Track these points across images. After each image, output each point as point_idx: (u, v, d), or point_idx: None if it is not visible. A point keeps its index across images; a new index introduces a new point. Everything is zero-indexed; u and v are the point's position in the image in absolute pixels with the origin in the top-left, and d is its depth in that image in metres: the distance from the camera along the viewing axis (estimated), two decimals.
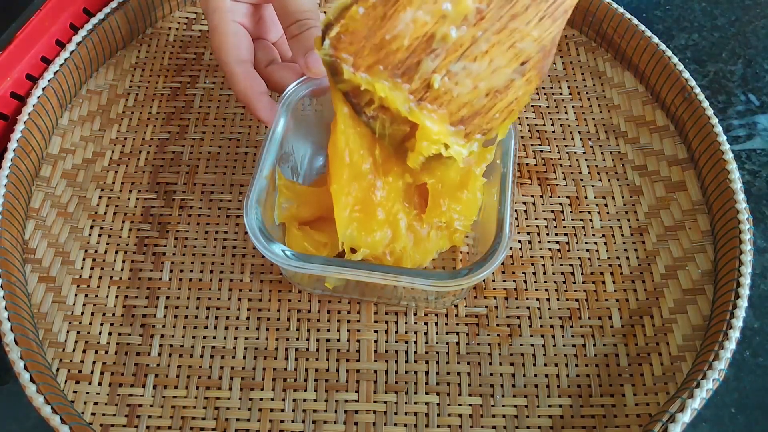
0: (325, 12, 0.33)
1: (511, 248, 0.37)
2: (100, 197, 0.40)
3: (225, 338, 0.35)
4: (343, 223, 0.32)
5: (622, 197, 0.40)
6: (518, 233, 0.39)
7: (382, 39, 0.26)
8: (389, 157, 0.32)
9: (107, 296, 0.36)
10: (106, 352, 0.34)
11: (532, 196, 0.40)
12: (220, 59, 0.35)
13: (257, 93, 0.34)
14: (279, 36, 0.39)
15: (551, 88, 0.45)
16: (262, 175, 0.32)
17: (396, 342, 0.35)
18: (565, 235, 0.39)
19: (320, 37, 0.27)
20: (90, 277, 0.37)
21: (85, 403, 0.33)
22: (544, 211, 0.40)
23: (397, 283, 0.30)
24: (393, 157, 0.31)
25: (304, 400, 0.33)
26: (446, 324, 0.36)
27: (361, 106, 0.28)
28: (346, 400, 0.33)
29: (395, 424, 0.33)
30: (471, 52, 0.27)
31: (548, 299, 0.37)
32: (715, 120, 0.40)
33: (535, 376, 0.34)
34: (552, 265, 0.38)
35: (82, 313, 0.35)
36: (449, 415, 0.33)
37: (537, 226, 0.39)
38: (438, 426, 0.33)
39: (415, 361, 0.34)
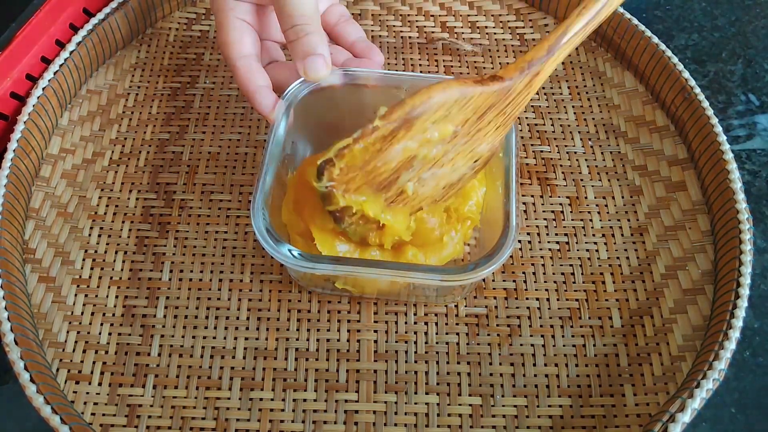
0: None
1: None
2: (100, 197, 0.40)
3: (225, 338, 0.35)
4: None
5: (622, 197, 0.40)
6: (518, 233, 0.39)
7: (374, 167, 0.30)
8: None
9: (107, 296, 0.36)
10: (106, 352, 0.34)
11: (532, 196, 0.40)
12: (224, 54, 0.36)
13: (257, 86, 0.34)
14: None
15: (551, 88, 0.45)
16: (266, 177, 0.32)
17: (396, 342, 0.35)
18: (565, 235, 0.39)
19: (317, 171, 0.30)
20: (90, 277, 0.37)
21: (85, 403, 0.33)
22: (544, 211, 0.40)
23: (407, 279, 0.30)
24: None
25: (304, 400, 0.33)
26: (446, 324, 0.36)
27: (343, 218, 0.31)
28: (346, 400, 0.33)
29: (395, 424, 0.33)
30: (441, 161, 0.31)
31: (548, 299, 0.37)
32: (715, 120, 0.40)
33: (535, 376, 0.34)
34: (552, 265, 0.38)
35: (82, 313, 0.35)
36: (449, 415, 0.33)
37: (537, 226, 0.39)
38: (438, 426, 0.33)
39: (415, 361, 0.34)
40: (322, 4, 0.39)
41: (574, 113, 0.44)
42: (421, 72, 0.46)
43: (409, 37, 0.47)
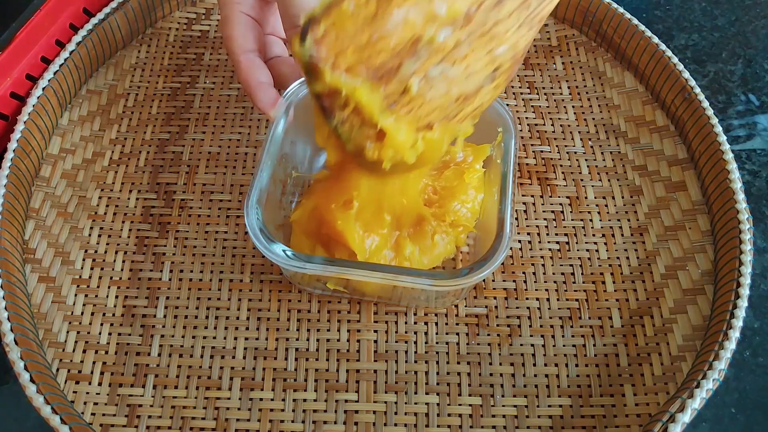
0: None
1: (511, 248, 0.37)
2: (100, 197, 0.40)
3: (225, 338, 0.35)
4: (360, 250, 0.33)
5: (622, 197, 0.40)
6: (518, 233, 0.39)
7: (368, 39, 0.25)
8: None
9: (107, 296, 0.36)
10: (106, 352, 0.34)
11: (532, 196, 0.40)
12: (227, 48, 0.36)
13: (257, 82, 0.34)
14: None
15: (551, 88, 0.45)
16: (262, 175, 0.32)
17: (396, 342, 0.35)
18: (565, 235, 0.39)
19: (300, 32, 0.25)
20: (90, 277, 0.37)
21: (85, 403, 0.33)
22: (544, 211, 0.40)
23: (397, 282, 0.30)
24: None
25: (304, 400, 0.33)
26: (446, 324, 0.36)
27: (333, 109, 0.27)
28: (346, 400, 0.33)
29: (395, 424, 0.33)
30: (451, 56, 0.26)
31: (548, 299, 0.37)
32: (715, 120, 0.40)
33: (535, 376, 0.34)
34: (552, 265, 0.38)
35: (82, 313, 0.35)
36: (449, 415, 0.33)
37: (537, 226, 0.39)
38: (438, 426, 0.33)
39: (415, 361, 0.34)
40: None
41: (574, 113, 0.44)
42: None
43: None
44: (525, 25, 0.27)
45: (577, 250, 0.38)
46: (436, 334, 0.35)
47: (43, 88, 0.40)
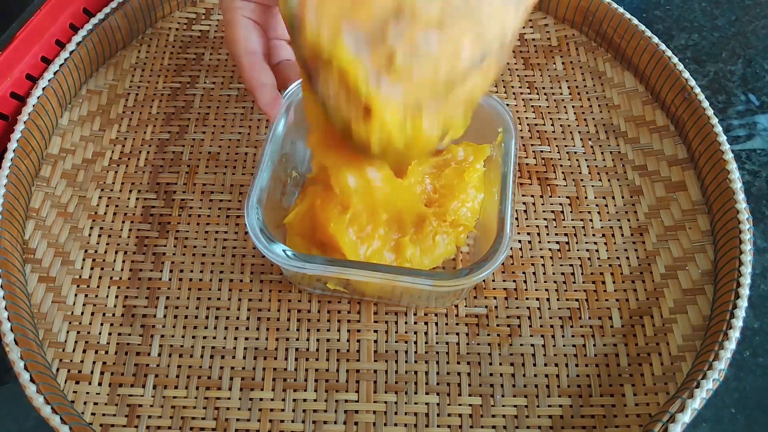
0: None
1: (511, 248, 0.37)
2: (100, 197, 0.40)
3: (225, 338, 0.35)
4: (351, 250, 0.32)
5: (622, 197, 0.40)
6: (518, 233, 0.39)
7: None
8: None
9: (107, 296, 0.36)
10: (106, 352, 0.34)
11: (532, 196, 0.40)
12: (230, 51, 0.36)
13: (260, 83, 0.35)
14: None
15: (551, 88, 0.45)
16: (262, 175, 0.32)
17: (396, 342, 0.35)
18: (565, 235, 0.39)
19: None
20: (90, 277, 0.37)
21: (85, 403, 0.33)
22: (544, 211, 0.40)
23: (398, 283, 0.30)
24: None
25: (304, 400, 0.33)
26: (446, 324, 0.36)
27: (317, 75, 0.26)
28: (346, 400, 0.33)
29: (395, 424, 0.33)
30: (437, 32, 0.26)
31: (548, 299, 0.37)
32: (715, 120, 0.40)
33: (535, 376, 0.34)
34: (552, 265, 0.38)
35: (82, 313, 0.35)
36: (449, 415, 0.33)
37: (537, 226, 0.39)
38: (438, 426, 0.33)
39: (415, 361, 0.34)
40: None
41: (574, 113, 0.44)
42: None
43: None
44: (511, 4, 0.26)
45: (577, 250, 0.38)
46: (436, 334, 0.35)
47: (43, 88, 0.40)
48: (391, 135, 0.27)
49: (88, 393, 0.33)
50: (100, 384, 0.33)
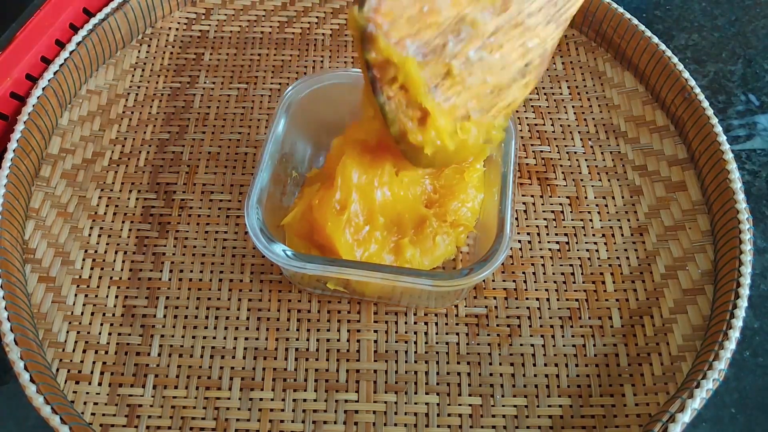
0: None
1: (511, 248, 0.37)
2: (100, 197, 0.40)
3: (225, 338, 0.35)
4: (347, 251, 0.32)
5: (622, 197, 0.40)
6: (518, 233, 0.39)
7: (419, 10, 0.26)
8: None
9: (107, 296, 0.36)
10: (106, 352, 0.34)
11: (532, 196, 0.40)
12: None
13: None
14: None
15: (551, 88, 0.45)
16: (262, 175, 0.32)
17: (396, 342, 0.35)
18: (565, 235, 0.39)
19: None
20: (90, 277, 0.37)
21: (85, 403, 0.33)
22: (544, 211, 0.40)
23: (398, 283, 0.30)
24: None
25: (304, 400, 0.33)
26: (446, 324, 0.36)
27: (382, 83, 0.28)
28: (346, 400, 0.33)
29: (395, 424, 0.33)
30: (489, 42, 0.28)
31: (548, 299, 0.37)
32: (715, 120, 0.40)
33: (535, 376, 0.34)
34: (552, 265, 0.38)
35: (82, 313, 0.35)
36: (449, 415, 0.33)
37: (537, 226, 0.39)
38: (438, 426, 0.33)
39: (415, 361, 0.34)
40: None
41: (574, 113, 0.44)
42: None
43: None
44: (553, 21, 0.29)
45: (577, 250, 0.38)
46: (436, 334, 0.35)
47: (43, 88, 0.40)
48: (444, 140, 0.29)
49: (88, 393, 0.33)
50: (100, 384, 0.33)
